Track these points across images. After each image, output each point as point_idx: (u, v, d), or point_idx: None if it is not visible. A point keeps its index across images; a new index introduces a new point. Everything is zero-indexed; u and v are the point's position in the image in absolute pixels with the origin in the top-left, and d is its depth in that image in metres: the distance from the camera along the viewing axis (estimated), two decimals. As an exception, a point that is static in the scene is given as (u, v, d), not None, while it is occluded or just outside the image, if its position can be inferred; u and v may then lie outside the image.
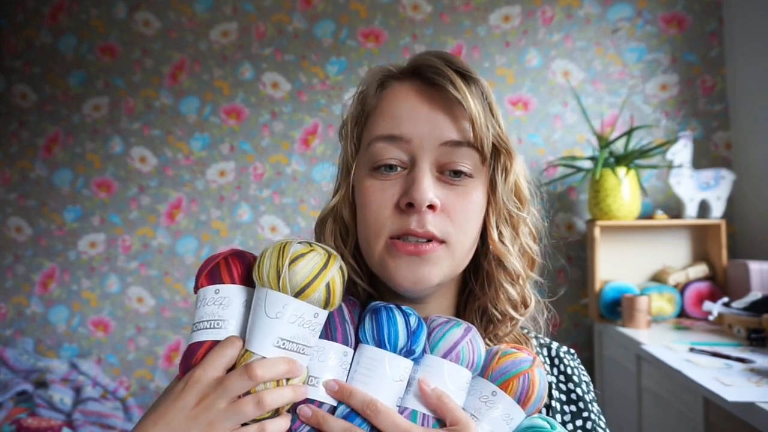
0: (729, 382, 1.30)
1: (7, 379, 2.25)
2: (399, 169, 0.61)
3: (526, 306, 0.66)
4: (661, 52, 2.37)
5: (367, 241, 0.62)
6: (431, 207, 0.59)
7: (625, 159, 2.09)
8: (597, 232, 2.12)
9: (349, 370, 0.58)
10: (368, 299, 0.66)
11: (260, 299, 0.54)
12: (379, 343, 0.57)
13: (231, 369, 0.53)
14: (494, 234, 0.64)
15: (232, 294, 0.56)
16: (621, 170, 2.08)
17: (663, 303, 2.04)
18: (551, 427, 0.57)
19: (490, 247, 0.64)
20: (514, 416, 0.58)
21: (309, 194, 2.53)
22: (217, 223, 2.56)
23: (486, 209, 0.64)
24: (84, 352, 2.55)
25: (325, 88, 2.54)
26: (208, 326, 0.54)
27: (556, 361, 0.71)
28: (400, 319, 0.58)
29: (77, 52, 2.64)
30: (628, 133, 2.13)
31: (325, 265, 0.54)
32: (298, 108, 2.54)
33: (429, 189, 0.58)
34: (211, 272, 0.57)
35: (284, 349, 0.53)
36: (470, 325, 0.61)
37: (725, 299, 1.87)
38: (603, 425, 0.67)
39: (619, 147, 2.18)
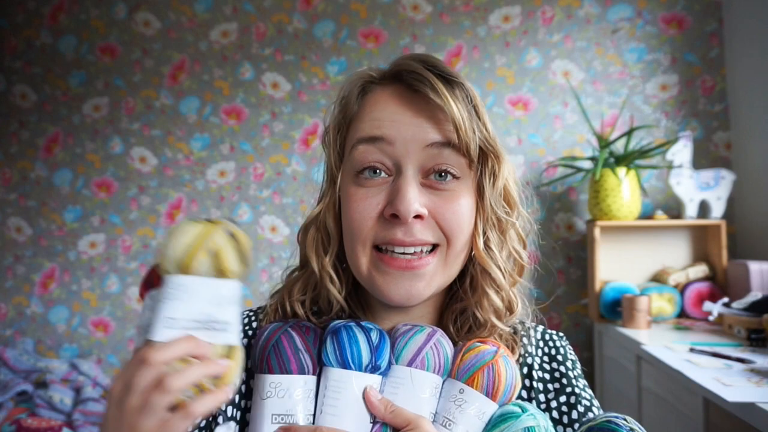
0: (729, 382, 1.30)
1: (7, 380, 2.25)
2: (383, 174, 0.59)
3: (511, 312, 0.65)
4: (661, 52, 2.37)
5: (352, 250, 0.61)
6: (418, 217, 0.58)
7: (625, 159, 2.09)
8: (597, 232, 2.12)
9: (317, 395, 0.57)
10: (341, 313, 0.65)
11: (161, 289, 0.52)
12: (344, 364, 0.56)
13: None
14: (479, 241, 0.62)
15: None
16: (621, 170, 2.08)
17: (663, 303, 2.04)
18: (522, 410, 0.56)
19: (474, 253, 0.63)
20: (487, 410, 0.57)
21: (309, 194, 2.52)
22: (217, 224, 2.55)
23: (474, 214, 0.62)
24: (84, 353, 2.55)
25: (325, 89, 2.54)
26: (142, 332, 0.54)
27: (541, 343, 0.70)
28: (361, 337, 0.57)
29: (77, 52, 2.64)
30: (628, 134, 2.13)
31: (205, 233, 0.52)
32: (298, 108, 2.54)
33: (414, 200, 0.57)
34: (147, 280, 0.57)
35: (185, 329, 0.50)
36: (434, 328, 0.60)
37: (725, 299, 1.87)
38: (589, 396, 0.66)
39: (619, 147, 2.18)
